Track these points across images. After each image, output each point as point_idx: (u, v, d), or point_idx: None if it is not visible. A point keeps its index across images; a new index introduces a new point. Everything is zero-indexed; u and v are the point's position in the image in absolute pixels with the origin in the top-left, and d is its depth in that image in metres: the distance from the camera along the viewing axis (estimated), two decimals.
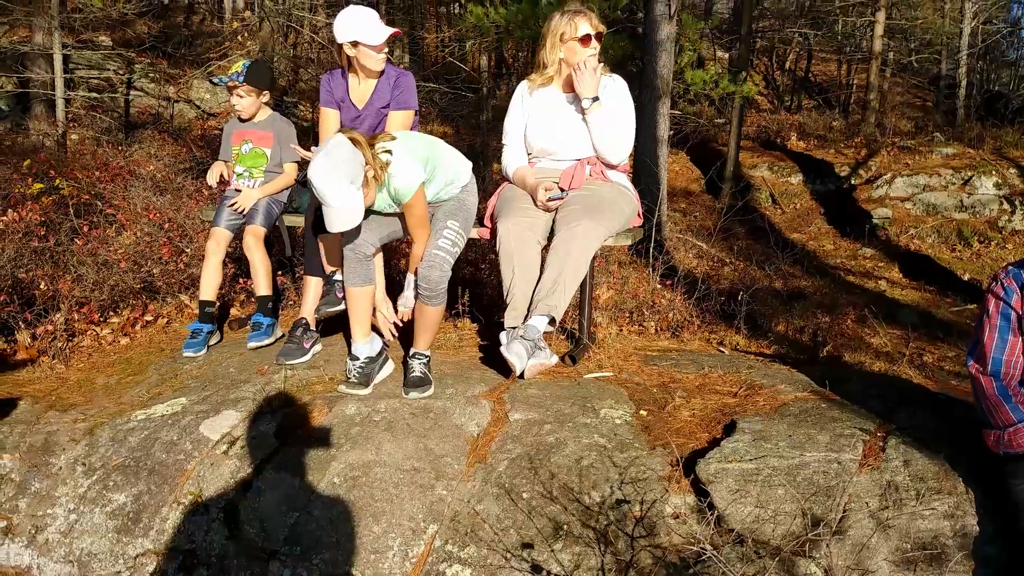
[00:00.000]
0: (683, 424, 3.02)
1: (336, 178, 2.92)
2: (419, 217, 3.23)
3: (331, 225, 3.02)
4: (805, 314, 7.83)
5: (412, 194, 3.15)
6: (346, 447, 2.91)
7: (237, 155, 4.22)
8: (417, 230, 3.26)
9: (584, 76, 3.55)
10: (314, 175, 2.93)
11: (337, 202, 2.96)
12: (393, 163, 3.10)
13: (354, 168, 2.96)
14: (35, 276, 4.41)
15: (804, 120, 19.17)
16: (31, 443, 3.16)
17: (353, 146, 2.98)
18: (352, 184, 2.96)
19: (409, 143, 3.23)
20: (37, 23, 11.56)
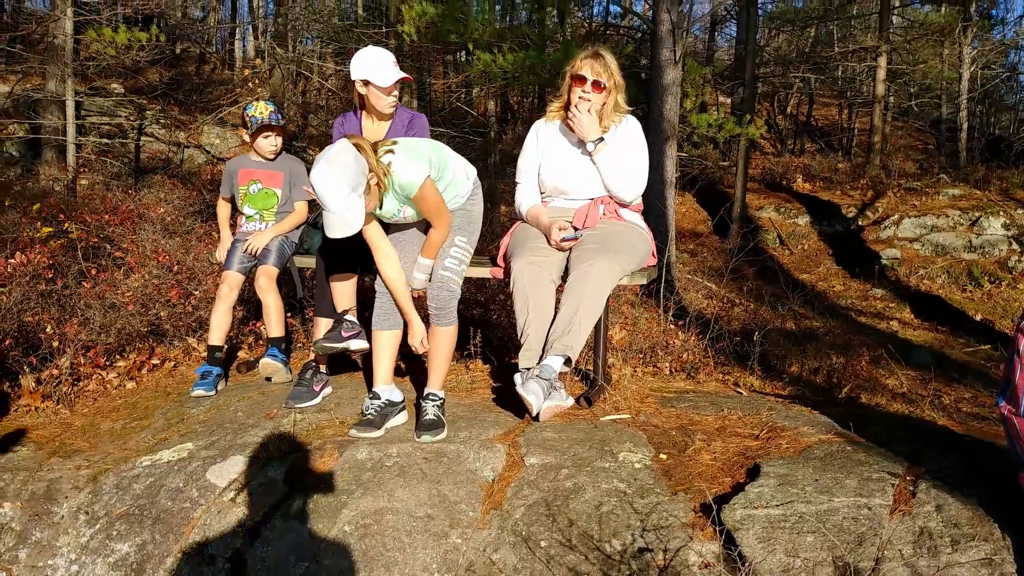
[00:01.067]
0: (705, 468, 2.93)
1: (337, 184, 2.89)
2: (433, 205, 3.20)
3: (331, 230, 2.98)
4: (819, 355, 7.73)
5: (419, 187, 3.12)
6: (357, 493, 2.82)
7: (245, 195, 4.19)
8: (435, 218, 3.23)
9: (580, 120, 3.54)
10: (315, 180, 2.90)
11: (337, 208, 2.92)
12: (394, 162, 3.07)
13: (356, 174, 2.93)
14: (41, 320, 4.35)
15: (809, 162, 19.24)
16: (33, 491, 3.07)
17: (356, 152, 2.95)
18: (354, 191, 2.92)
19: (411, 144, 3.21)
20: (51, 71, 11.72)
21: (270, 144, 4.18)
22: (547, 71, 10.11)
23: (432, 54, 15.63)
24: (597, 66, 3.57)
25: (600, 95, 3.58)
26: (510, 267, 3.47)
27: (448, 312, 3.28)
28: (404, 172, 3.09)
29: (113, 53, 10.19)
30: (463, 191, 3.39)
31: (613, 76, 3.60)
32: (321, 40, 17.80)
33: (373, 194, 3.06)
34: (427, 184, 3.14)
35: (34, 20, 13.18)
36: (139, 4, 12.01)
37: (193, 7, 18.44)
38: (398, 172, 3.09)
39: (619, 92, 3.65)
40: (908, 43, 19.88)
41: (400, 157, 3.08)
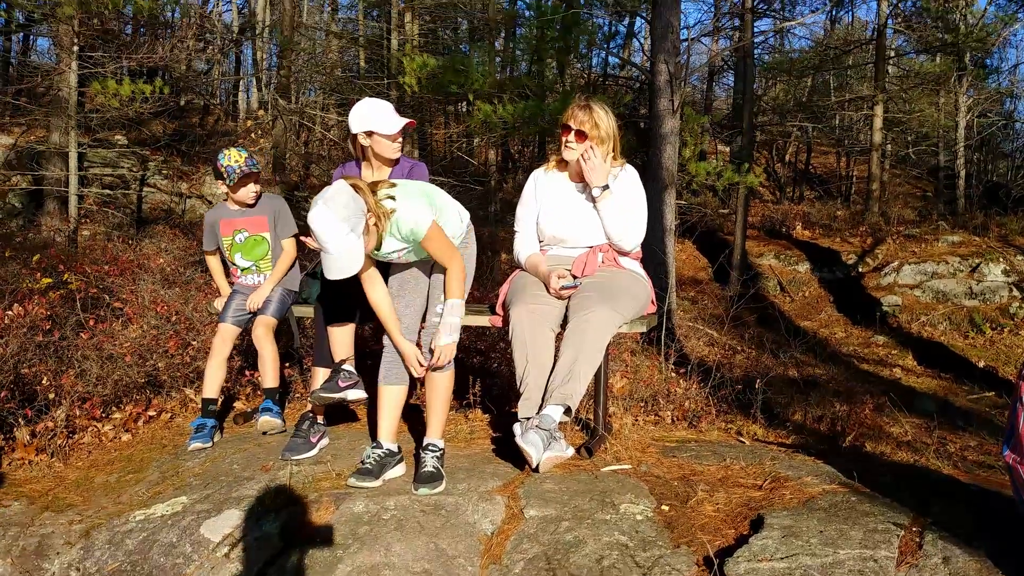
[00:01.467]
0: (707, 520, 2.88)
1: (335, 224, 2.86)
2: (443, 246, 3.18)
3: (329, 272, 2.95)
4: (822, 402, 7.67)
5: (426, 230, 3.09)
6: (354, 548, 2.77)
7: (232, 245, 4.12)
8: (447, 259, 3.20)
9: (592, 164, 3.55)
10: (313, 221, 2.87)
11: (336, 249, 2.89)
12: (398, 208, 3.05)
13: (354, 214, 2.90)
14: (38, 371, 4.33)
15: (808, 209, 19.36)
16: (24, 546, 3.02)
17: (354, 192, 2.93)
18: (352, 232, 2.90)
19: (411, 187, 3.19)
20: (55, 123, 11.88)
21: (250, 192, 4.10)
22: (546, 121, 10.24)
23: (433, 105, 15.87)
24: (581, 115, 3.59)
25: (584, 144, 3.60)
26: (509, 315, 3.46)
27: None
28: (409, 218, 3.06)
29: (117, 105, 10.33)
30: (458, 234, 3.38)
31: (599, 126, 3.59)
32: (323, 91, 18.08)
33: (372, 234, 3.04)
34: (434, 226, 3.12)
35: (39, 73, 13.40)
36: (143, 57, 12.20)
37: (198, 60, 18.73)
38: (403, 219, 3.06)
39: (610, 142, 3.64)
40: (904, 92, 20.15)
41: (403, 203, 3.05)
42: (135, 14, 11.33)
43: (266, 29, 16.66)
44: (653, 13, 10.48)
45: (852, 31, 24.23)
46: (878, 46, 17.84)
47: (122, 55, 11.81)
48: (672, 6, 10.21)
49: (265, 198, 4.21)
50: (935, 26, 18.45)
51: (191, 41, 15.79)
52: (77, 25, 10.57)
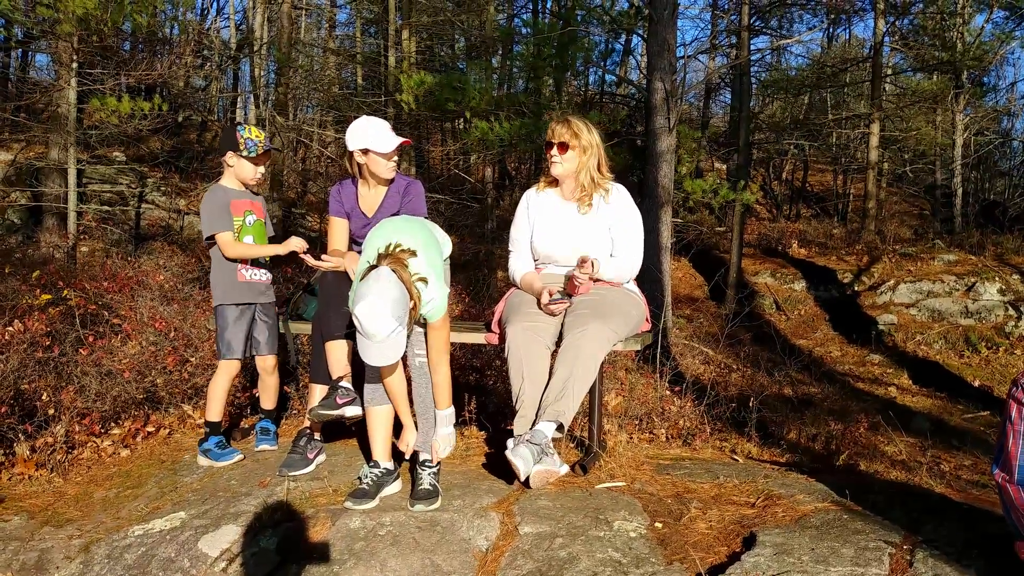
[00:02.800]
0: (700, 537, 2.91)
1: (388, 321, 2.82)
2: (445, 343, 3.19)
3: (370, 358, 2.91)
4: (816, 421, 7.70)
5: (442, 314, 3.11)
6: (349, 564, 2.79)
7: (242, 228, 3.91)
8: (441, 357, 3.19)
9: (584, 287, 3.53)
10: (363, 315, 2.82)
11: (384, 341, 2.85)
12: (428, 289, 3.05)
13: (401, 308, 2.88)
14: (38, 387, 4.35)
15: (804, 228, 19.46)
16: (24, 561, 3.04)
17: (400, 285, 2.91)
18: (400, 326, 2.87)
19: (431, 258, 3.13)
20: (54, 139, 11.93)
21: (260, 172, 3.96)
22: (543, 138, 10.31)
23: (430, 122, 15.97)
24: (561, 129, 3.66)
25: (566, 155, 3.65)
26: (505, 333, 3.50)
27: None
28: (434, 302, 3.07)
29: (116, 122, 10.39)
30: (447, 253, 3.43)
31: (579, 135, 3.64)
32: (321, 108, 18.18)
33: (410, 321, 3.02)
34: (445, 316, 3.15)
35: (39, 89, 13.48)
36: (142, 74, 12.29)
37: (196, 76, 18.85)
38: (429, 299, 3.06)
39: (593, 152, 3.67)
40: (901, 110, 20.29)
41: (432, 285, 3.05)
42: (134, 31, 11.43)
43: (264, 46, 16.77)
44: (649, 31, 10.59)
45: (849, 49, 24.43)
46: (875, 64, 17.98)
47: (121, 72, 11.89)
48: (668, 24, 10.32)
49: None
50: (932, 44, 18.60)
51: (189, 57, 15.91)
52: (76, 42, 10.65)
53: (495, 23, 14.66)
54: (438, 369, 3.21)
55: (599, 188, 3.71)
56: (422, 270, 3.04)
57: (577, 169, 3.68)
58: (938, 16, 18.06)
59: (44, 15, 9.80)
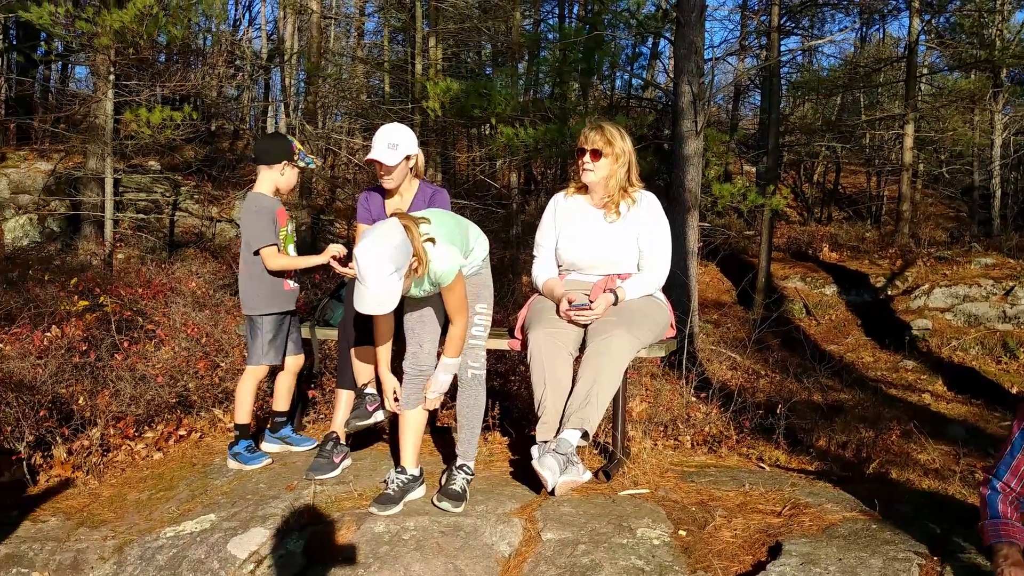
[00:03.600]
0: (725, 545, 2.90)
1: (383, 263, 2.85)
2: (459, 300, 3.20)
3: (362, 305, 2.92)
4: (847, 428, 7.60)
5: (453, 278, 3.12)
6: (374, 567, 2.83)
7: (285, 237, 3.97)
8: (457, 313, 3.21)
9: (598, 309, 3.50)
10: (361, 254, 2.86)
11: (376, 286, 2.88)
12: (434, 254, 3.06)
13: (402, 255, 2.91)
14: (75, 391, 4.46)
15: (836, 231, 19.21)
16: (60, 561, 3.12)
17: (405, 234, 2.95)
18: (396, 272, 2.89)
19: (446, 228, 3.18)
20: (92, 149, 12.21)
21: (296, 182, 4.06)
22: (569, 143, 10.33)
23: (456, 128, 16.03)
24: (594, 135, 3.64)
25: (599, 162, 3.64)
26: (527, 339, 3.52)
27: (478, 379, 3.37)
28: (442, 265, 3.08)
29: (149, 132, 10.60)
30: (480, 256, 3.43)
31: (612, 143, 3.62)
32: (349, 116, 18.35)
33: (410, 278, 3.05)
34: (459, 277, 3.15)
35: (77, 101, 13.79)
36: (176, 85, 12.53)
37: (228, 86, 19.14)
38: (437, 261, 3.07)
39: (625, 159, 3.66)
40: (937, 110, 19.91)
41: (440, 249, 3.07)
42: (168, 43, 11.66)
43: (294, 56, 16.99)
44: (676, 34, 10.54)
45: (883, 48, 24.07)
46: (909, 63, 17.69)
47: (156, 83, 12.13)
48: (696, 27, 10.27)
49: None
50: (969, 42, 18.23)
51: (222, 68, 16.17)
52: (113, 54, 10.89)
53: (521, 29, 14.69)
54: (454, 323, 3.22)
55: (628, 196, 3.70)
56: (431, 232, 3.07)
57: (608, 176, 3.67)
58: (976, 13, 17.70)
59: (83, 29, 10.03)
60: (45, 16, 9.81)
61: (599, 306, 3.47)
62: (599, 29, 11.80)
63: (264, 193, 3.91)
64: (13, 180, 13.28)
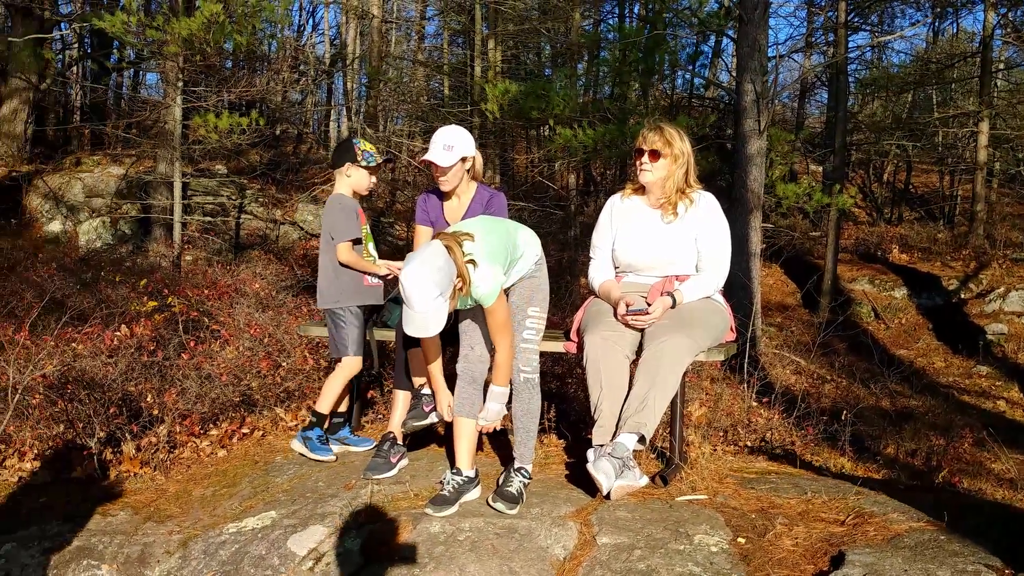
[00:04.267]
0: (785, 554, 2.83)
1: (428, 287, 2.90)
2: (502, 323, 3.21)
3: (409, 327, 2.99)
4: (916, 436, 7.37)
5: (495, 299, 3.13)
6: (430, 567, 2.85)
7: (367, 236, 4.10)
8: (500, 336, 3.22)
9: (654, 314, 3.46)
10: (406, 278, 2.92)
11: (423, 308, 2.93)
12: (477, 271, 3.09)
13: (446, 278, 2.96)
14: (143, 389, 4.60)
15: (906, 232, 18.64)
16: (128, 554, 3.22)
17: (448, 255, 2.99)
18: (441, 295, 2.94)
19: (490, 243, 3.19)
20: (161, 154, 12.61)
21: (374, 182, 4.14)
22: (628, 144, 10.25)
23: (515, 130, 16.07)
24: (653, 136, 3.60)
25: (658, 163, 3.60)
26: (583, 342, 3.49)
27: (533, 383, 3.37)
28: (483, 285, 3.10)
29: (215, 138, 10.89)
30: (531, 260, 3.42)
31: (671, 144, 3.58)
32: (409, 119, 18.56)
33: (455, 298, 3.08)
34: (500, 299, 3.17)
35: (148, 107, 14.26)
36: (242, 91, 12.85)
37: (292, 91, 19.54)
38: (478, 283, 3.10)
39: (684, 161, 3.62)
40: (1013, 107, 19.19)
41: (481, 269, 3.09)
42: (234, 49, 11.96)
43: (355, 60, 17.24)
44: (739, 32, 10.38)
45: (956, 43, 23.26)
46: (984, 58, 17.06)
47: (223, 88, 12.45)
48: (759, 24, 10.10)
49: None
50: None
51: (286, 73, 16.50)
52: (182, 61, 11.21)
53: (581, 29, 14.65)
54: (499, 347, 3.24)
55: (686, 197, 3.65)
56: (475, 253, 3.08)
57: (666, 177, 3.63)
58: None
59: (153, 37, 10.36)
60: (118, 25, 10.16)
61: (656, 309, 3.43)
62: (660, 28, 11.70)
63: (343, 194, 4.05)
64: (87, 184, 13.79)
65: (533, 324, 3.38)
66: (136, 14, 10.30)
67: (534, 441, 3.44)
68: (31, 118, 14.74)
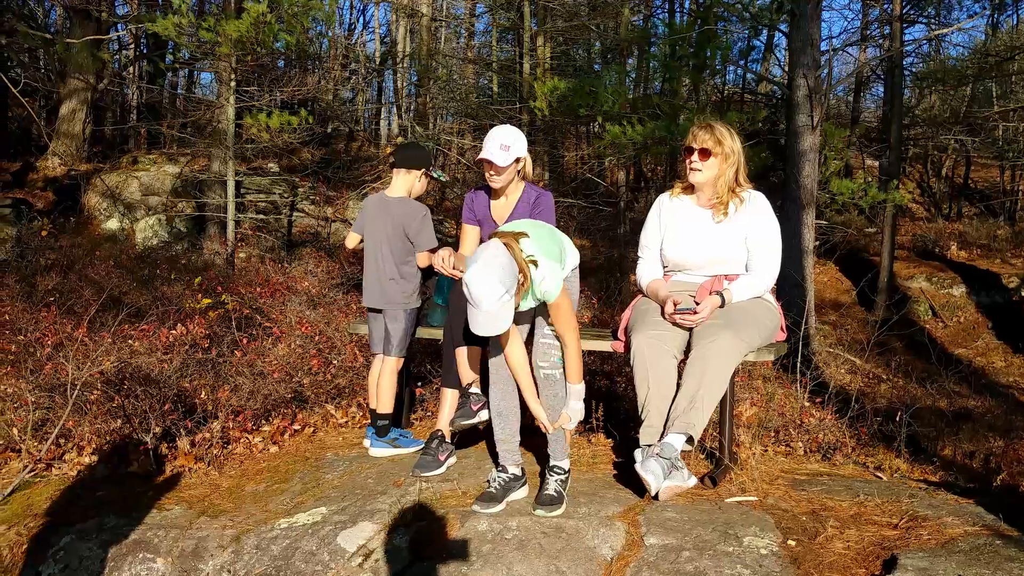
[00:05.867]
0: (836, 558, 2.79)
1: (494, 286, 2.90)
2: (567, 315, 3.19)
3: (477, 327, 2.98)
4: (975, 437, 7.17)
5: (558, 293, 3.13)
6: (477, 565, 2.87)
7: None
8: (567, 331, 3.20)
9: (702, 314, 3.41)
10: (471, 279, 2.92)
11: (491, 308, 2.93)
12: (539, 269, 3.09)
13: (510, 277, 2.96)
14: (197, 385, 4.71)
15: (965, 228, 18.11)
16: (183, 548, 3.29)
17: (508, 253, 3.00)
18: (507, 293, 2.94)
19: (543, 242, 3.20)
20: (215, 153, 12.87)
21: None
22: (678, 140, 10.15)
23: (564, 126, 16.02)
24: (703, 134, 3.55)
25: (708, 162, 3.56)
26: (631, 341, 3.47)
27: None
28: (546, 282, 3.10)
29: (267, 137, 11.08)
30: (571, 266, 3.41)
31: (722, 142, 3.53)
32: (458, 117, 18.65)
33: (519, 295, 3.08)
34: (563, 293, 3.16)
35: (202, 107, 14.57)
36: (293, 89, 13.05)
37: (343, 89, 19.78)
38: (541, 279, 3.09)
39: (735, 160, 3.57)
40: None
41: (543, 267, 3.09)
42: (285, 49, 12.15)
43: (405, 58, 17.36)
44: (792, 26, 10.20)
45: (1016, 35, 22.48)
46: None
47: (275, 88, 12.66)
48: (812, 18, 9.92)
49: None
50: None
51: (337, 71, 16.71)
52: (234, 62, 11.43)
53: (630, 24, 14.54)
54: (566, 344, 3.22)
55: (736, 196, 3.61)
56: (532, 251, 3.08)
57: (717, 176, 3.59)
58: None
59: (205, 38, 10.58)
60: (171, 27, 10.40)
61: (705, 308, 3.39)
62: (710, 23, 11.53)
63: (406, 197, 4.11)
64: (144, 183, 14.15)
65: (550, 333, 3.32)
66: (187, 15, 10.52)
67: (565, 436, 3.38)
68: (89, 118, 15.17)
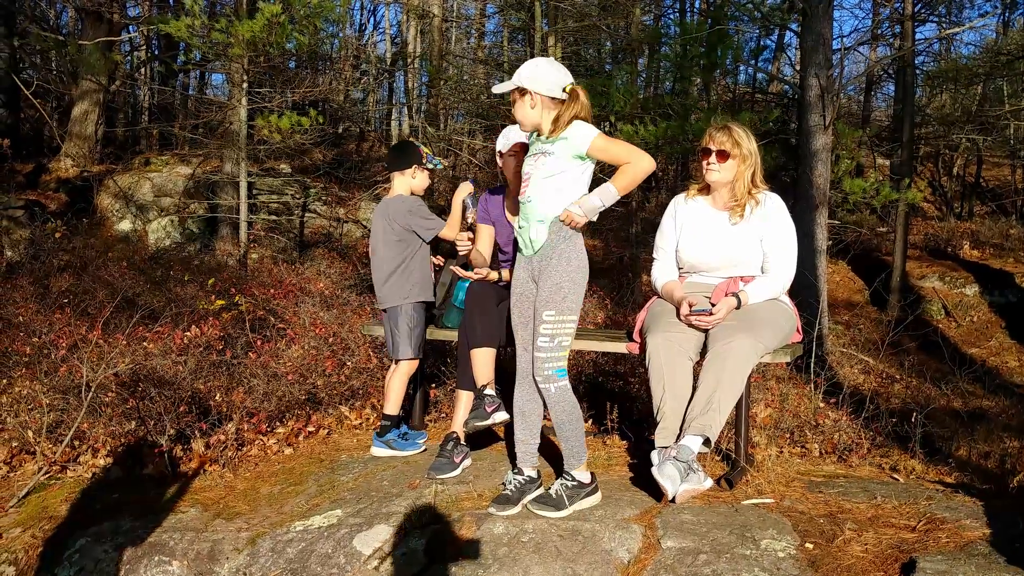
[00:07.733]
0: (854, 561, 2.77)
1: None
2: (617, 150, 3.17)
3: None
4: (990, 437, 7.11)
5: (591, 142, 3.14)
6: (493, 568, 2.86)
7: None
8: (625, 158, 3.15)
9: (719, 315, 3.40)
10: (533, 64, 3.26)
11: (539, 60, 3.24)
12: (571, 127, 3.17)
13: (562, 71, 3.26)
14: (212, 387, 4.72)
15: (977, 227, 17.99)
16: (198, 550, 3.30)
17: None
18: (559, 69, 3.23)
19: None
20: (227, 154, 12.91)
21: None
22: (690, 140, 10.13)
23: None
24: (721, 136, 3.54)
25: (726, 164, 3.55)
26: (646, 343, 3.46)
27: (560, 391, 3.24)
28: (578, 132, 3.16)
29: (278, 138, 11.10)
30: None
31: (740, 144, 3.52)
32: (469, 117, 18.64)
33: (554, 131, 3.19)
34: (599, 135, 3.15)
35: (214, 108, 14.61)
36: (305, 90, 13.07)
37: (354, 90, 19.80)
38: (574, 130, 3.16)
39: (754, 163, 3.56)
40: None
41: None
42: (297, 49, 12.17)
43: (416, 59, 17.37)
44: (803, 25, 10.16)
45: None
46: None
47: (286, 89, 12.69)
48: (823, 18, 9.88)
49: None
50: None
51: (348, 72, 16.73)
52: (246, 63, 11.46)
53: (641, 24, 14.51)
54: (630, 160, 3.19)
55: (752, 197, 3.59)
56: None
57: (735, 178, 3.58)
58: None
59: (218, 39, 10.61)
60: (183, 28, 10.44)
61: (720, 310, 3.38)
62: (722, 22, 11.50)
63: (402, 194, 4.18)
64: (156, 184, 14.19)
65: (547, 330, 3.17)
66: (199, 17, 10.56)
67: (576, 444, 3.29)
68: (101, 119, 15.21)
